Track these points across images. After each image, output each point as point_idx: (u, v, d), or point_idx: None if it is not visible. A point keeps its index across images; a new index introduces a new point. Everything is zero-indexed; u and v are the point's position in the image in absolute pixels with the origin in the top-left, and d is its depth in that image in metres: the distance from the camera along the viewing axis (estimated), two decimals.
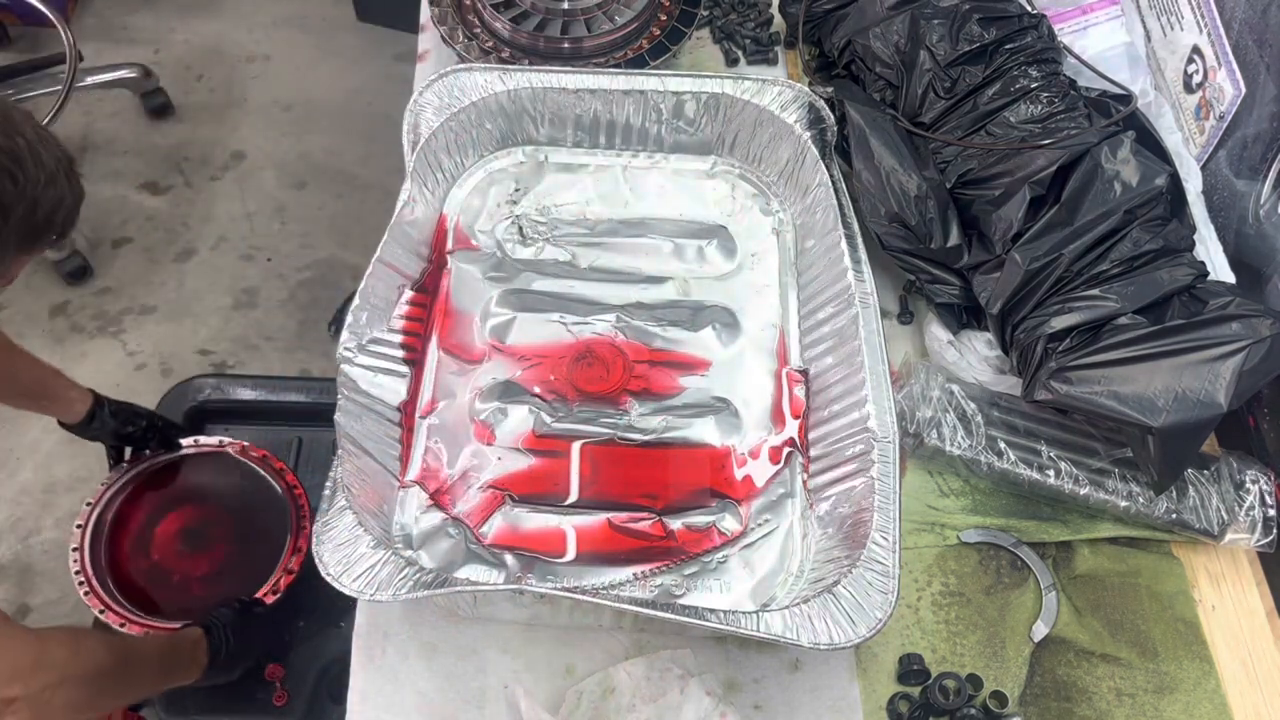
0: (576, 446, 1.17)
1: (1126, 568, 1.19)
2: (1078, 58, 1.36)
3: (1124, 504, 1.18)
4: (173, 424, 1.60)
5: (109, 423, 1.49)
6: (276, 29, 3.05)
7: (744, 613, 0.95)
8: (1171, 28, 1.40)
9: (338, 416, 1.06)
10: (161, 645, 1.28)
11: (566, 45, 1.50)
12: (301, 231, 2.64)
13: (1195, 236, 1.22)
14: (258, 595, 1.45)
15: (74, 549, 1.47)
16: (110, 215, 2.61)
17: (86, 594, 1.44)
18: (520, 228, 1.33)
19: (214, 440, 1.60)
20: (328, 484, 1.01)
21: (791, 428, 1.18)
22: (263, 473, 1.57)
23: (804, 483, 1.14)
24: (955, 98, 1.30)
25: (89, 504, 1.51)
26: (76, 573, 1.46)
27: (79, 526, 1.49)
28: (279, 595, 1.46)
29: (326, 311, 2.44)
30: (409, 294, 1.21)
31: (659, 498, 1.14)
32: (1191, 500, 1.18)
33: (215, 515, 1.53)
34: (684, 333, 1.27)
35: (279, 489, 1.56)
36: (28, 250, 1.04)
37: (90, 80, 2.65)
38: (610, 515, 1.12)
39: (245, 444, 1.60)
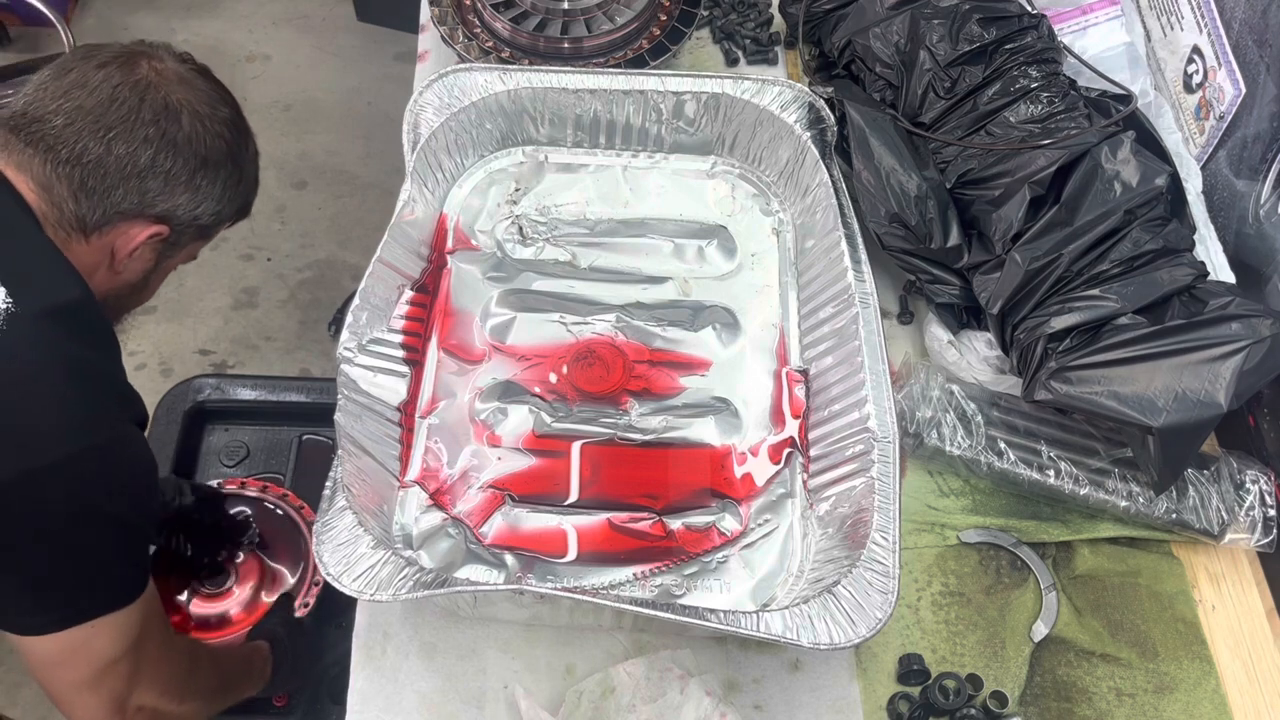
0: (576, 446, 1.17)
1: (1126, 568, 1.19)
2: (1078, 58, 1.36)
3: (1124, 504, 1.18)
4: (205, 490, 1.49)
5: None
6: (276, 29, 3.05)
7: (744, 613, 0.95)
8: (1171, 28, 1.40)
9: (338, 416, 1.06)
10: (242, 660, 1.27)
11: (566, 45, 1.50)
12: (301, 231, 2.64)
13: (1195, 236, 1.22)
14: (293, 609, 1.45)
15: None
16: None
17: None
18: (520, 228, 1.33)
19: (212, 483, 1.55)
20: (328, 484, 1.01)
21: (791, 427, 1.18)
22: (267, 502, 1.55)
23: (804, 483, 1.14)
24: (955, 98, 1.30)
25: None
26: None
27: None
28: (309, 609, 1.46)
29: (326, 311, 2.44)
30: (409, 294, 1.21)
31: (659, 498, 1.14)
32: (1191, 500, 1.18)
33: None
34: (684, 333, 1.27)
35: (282, 512, 1.54)
36: (232, 218, 1.16)
37: None
38: (610, 515, 1.12)
39: (242, 478, 1.57)
